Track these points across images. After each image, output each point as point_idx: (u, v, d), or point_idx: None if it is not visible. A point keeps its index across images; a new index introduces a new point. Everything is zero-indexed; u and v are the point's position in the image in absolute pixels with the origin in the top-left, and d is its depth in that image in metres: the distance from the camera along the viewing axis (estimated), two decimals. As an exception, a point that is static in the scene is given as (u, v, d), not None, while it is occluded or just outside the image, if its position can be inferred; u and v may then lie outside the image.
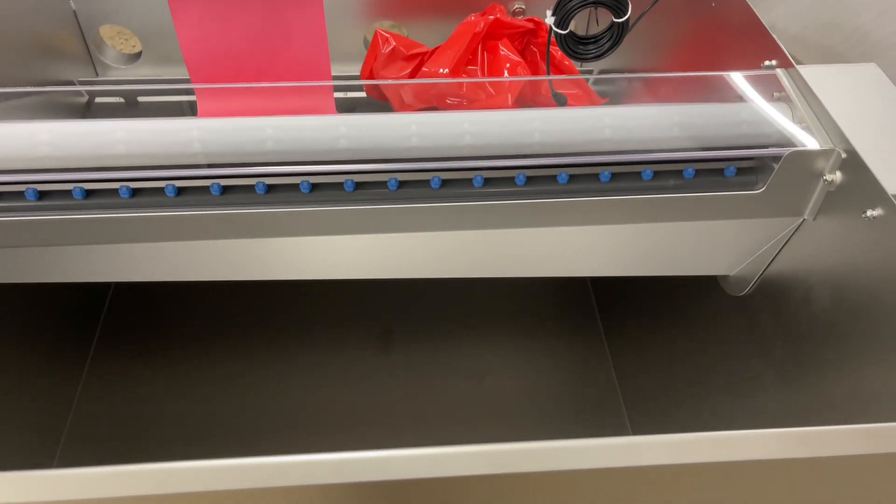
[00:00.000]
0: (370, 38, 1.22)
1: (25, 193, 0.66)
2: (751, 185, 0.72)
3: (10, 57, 0.82)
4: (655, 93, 1.08)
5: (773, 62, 0.77)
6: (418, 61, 1.17)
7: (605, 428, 1.20)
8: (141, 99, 1.33)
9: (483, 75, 1.16)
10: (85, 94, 1.27)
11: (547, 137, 0.71)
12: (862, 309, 0.67)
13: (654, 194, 0.70)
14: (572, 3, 0.87)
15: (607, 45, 0.90)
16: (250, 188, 0.70)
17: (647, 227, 0.73)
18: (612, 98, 1.22)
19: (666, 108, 0.73)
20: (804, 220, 0.73)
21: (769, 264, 0.78)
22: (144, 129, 0.67)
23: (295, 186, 0.73)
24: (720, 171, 0.78)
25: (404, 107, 1.21)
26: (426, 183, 0.74)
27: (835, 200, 0.69)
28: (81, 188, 0.67)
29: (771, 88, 0.77)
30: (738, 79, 0.80)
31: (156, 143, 0.67)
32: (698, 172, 0.76)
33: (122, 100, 1.33)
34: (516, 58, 1.14)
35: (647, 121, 0.73)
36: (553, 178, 0.75)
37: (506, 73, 1.13)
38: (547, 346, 1.33)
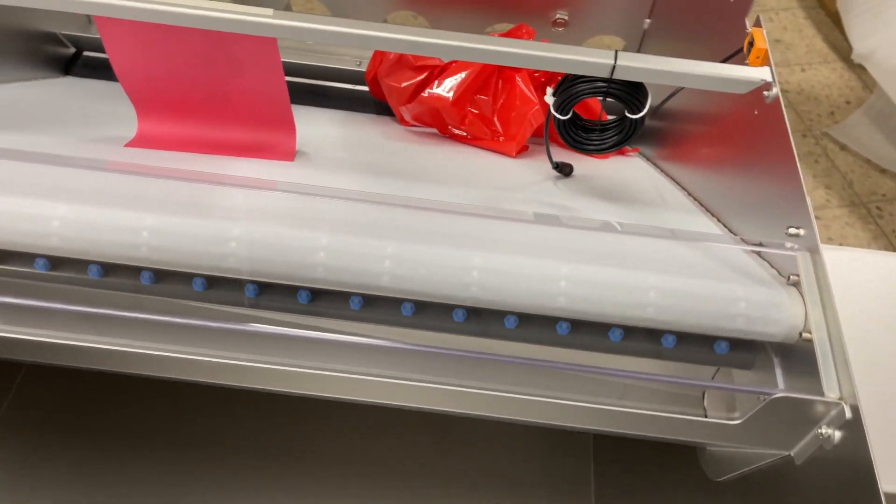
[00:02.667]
0: (389, 23, 1.03)
1: None
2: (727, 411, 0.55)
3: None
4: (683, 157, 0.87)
5: (800, 231, 0.58)
6: (427, 74, 0.98)
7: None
8: (131, 59, 1.18)
9: (494, 108, 0.97)
10: (71, 46, 1.12)
11: (574, 304, 0.55)
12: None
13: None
14: (579, 88, 0.67)
15: (612, 141, 0.70)
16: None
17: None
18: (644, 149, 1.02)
19: (642, 279, 0.55)
20: (790, 455, 0.55)
21: (750, 468, 0.61)
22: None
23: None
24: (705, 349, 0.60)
25: (404, 122, 1.03)
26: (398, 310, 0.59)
27: (830, 456, 0.51)
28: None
29: (788, 268, 0.57)
30: (753, 246, 0.60)
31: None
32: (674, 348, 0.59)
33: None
34: (533, 97, 0.94)
35: (617, 295, 0.55)
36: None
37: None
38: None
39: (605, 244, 0.62)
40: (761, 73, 0.65)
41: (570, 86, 0.67)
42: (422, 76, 0.98)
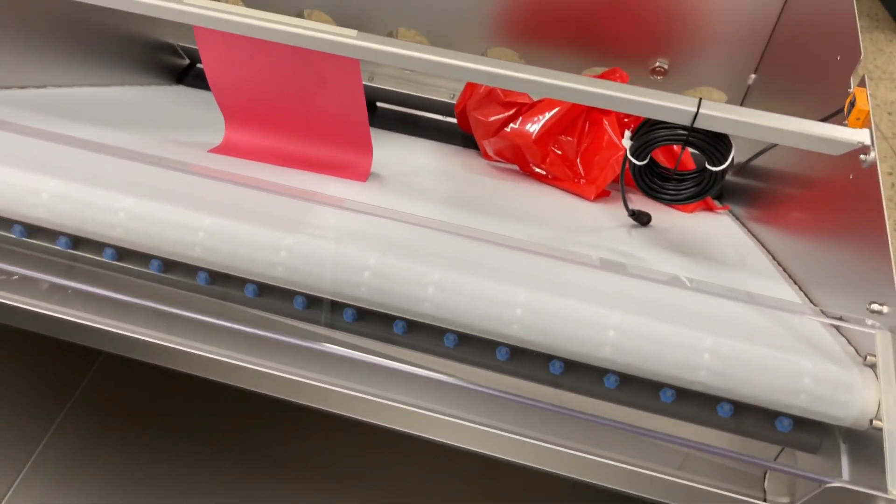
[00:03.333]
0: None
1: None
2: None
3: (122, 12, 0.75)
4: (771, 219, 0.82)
5: (883, 308, 0.52)
6: (514, 110, 0.98)
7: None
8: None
9: (577, 150, 0.95)
10: (186, 57, 1.19)
11: (621, 356, 0.52)
12: None
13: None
14: (658, 134, 0.64)
15: (689, 192, 0.67)
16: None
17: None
18: (737, 208, 0.97)
19: (699, 340, 0.51)
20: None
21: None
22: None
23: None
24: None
25: (487, 156, 1.03)
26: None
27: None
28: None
29: (866, 347, 0.52)
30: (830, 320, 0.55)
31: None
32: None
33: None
34: (619, 143, 0.91)
35: (668, 352, 0.51)
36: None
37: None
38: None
39: (666, 298, 0.58)
40: (859, 136, 0.60)
41: (648, 130, 0.64)
42: (509, 112, 0.97)
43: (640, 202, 0.84)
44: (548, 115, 0.93)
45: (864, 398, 0.49)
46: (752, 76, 1.05)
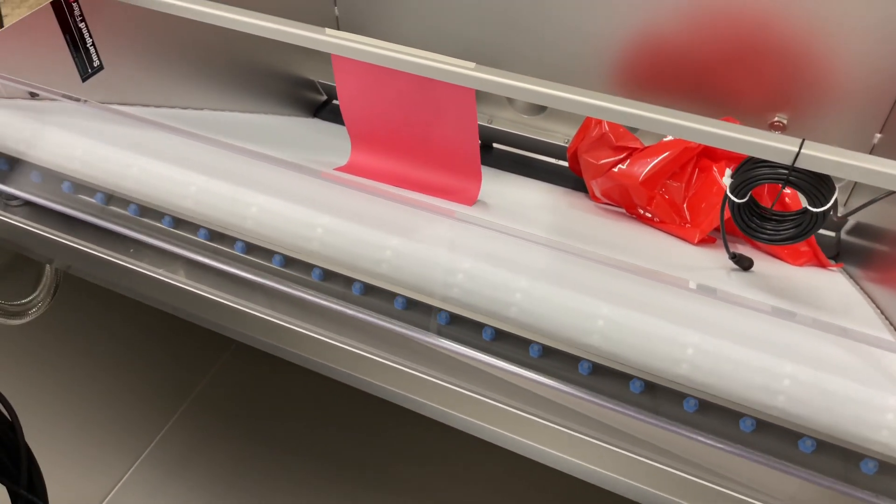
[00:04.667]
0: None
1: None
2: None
3: (270, 46, 0.85)
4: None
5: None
6: (625, 155, 1.01)
7: None
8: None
9: (685, 195, 0.97)
10: (324, 93, 1.31)
11: (698, 374, 0.55)
12: None
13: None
14: (758, 172, 0.66)
15: (788, 233, 0.67)
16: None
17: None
18: (854, 264, 0.95)
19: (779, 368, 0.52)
20: None
21: None
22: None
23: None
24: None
25: (594, 197, 1.06)
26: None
27: None
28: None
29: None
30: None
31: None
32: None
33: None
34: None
35: (746, 374, 0.53)
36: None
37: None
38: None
39: (752, 327, 0.59)
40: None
41: (749, 168, 0.66)
42: (619, 156, 1.01)
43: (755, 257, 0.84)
44: (656, 160, 0.96)
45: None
46: (878, 135, 1.03)
